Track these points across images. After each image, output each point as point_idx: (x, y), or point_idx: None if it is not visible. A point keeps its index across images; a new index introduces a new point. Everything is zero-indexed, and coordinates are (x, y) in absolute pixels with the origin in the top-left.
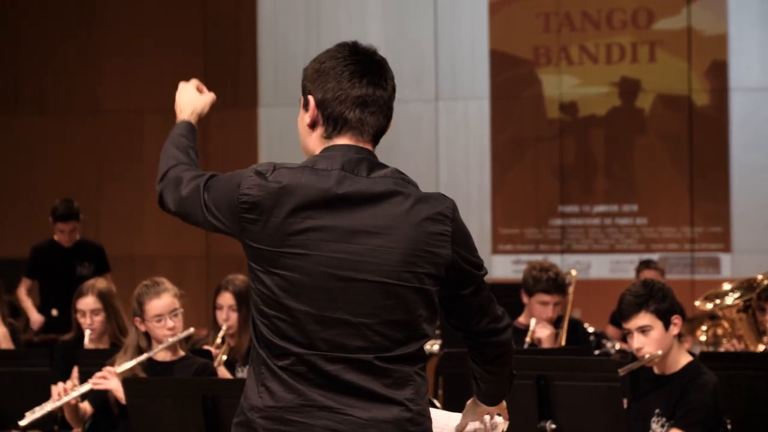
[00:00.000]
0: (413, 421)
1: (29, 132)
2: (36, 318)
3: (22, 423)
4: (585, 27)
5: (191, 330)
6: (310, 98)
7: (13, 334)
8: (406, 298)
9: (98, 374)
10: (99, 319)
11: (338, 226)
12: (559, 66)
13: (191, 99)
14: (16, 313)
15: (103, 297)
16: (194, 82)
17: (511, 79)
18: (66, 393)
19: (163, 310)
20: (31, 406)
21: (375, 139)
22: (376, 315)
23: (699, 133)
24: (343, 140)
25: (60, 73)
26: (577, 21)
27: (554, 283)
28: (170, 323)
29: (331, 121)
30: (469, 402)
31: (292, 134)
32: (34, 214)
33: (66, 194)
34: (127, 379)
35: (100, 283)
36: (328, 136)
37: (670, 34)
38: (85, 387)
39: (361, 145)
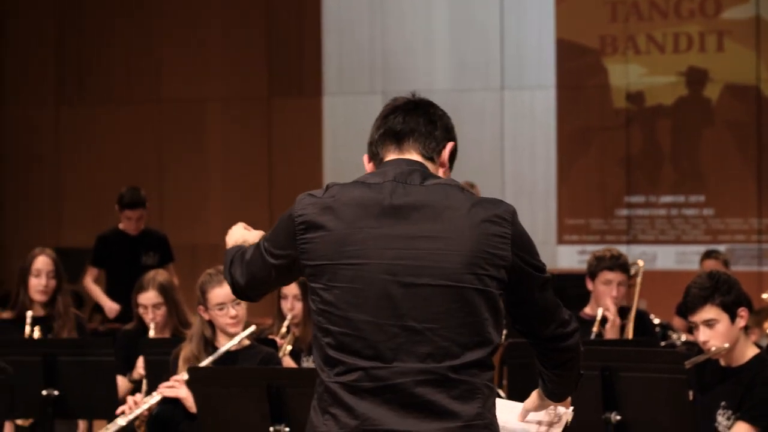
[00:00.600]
0: None
1: (93, 121)
2: (111, 306)
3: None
4: (652, 16)
5: (253, 327)
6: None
7: (78, 323)
8: (469, 300)
9: (167, 383)
10: (161, 312)
11: (396, 233)
12: (626, 55)
13: (241, 234)
14: (80, 302)
15: (164, 291)
16: (241, 225)
17: (578, 69)
18: (137, 405)
19: (225, 298)
20: (95, 396)
21: (425, 157)
22: (442, 320)
23: (767, 124)
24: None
25: (123, 63)
26: (644, 10)
27: (617, 261)
28: (232, 312)
29: (375, 158)
30: (534, 392)
31: (356, 122)
32: (98, 203)
33: (129, 183)
34: (193, 368)
35: (161, 276)
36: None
37: (738, 24)
38: (155, 398)
39: (410, 158)
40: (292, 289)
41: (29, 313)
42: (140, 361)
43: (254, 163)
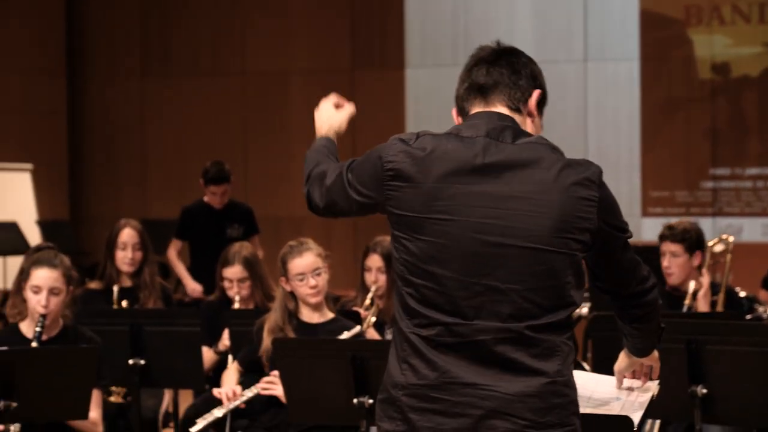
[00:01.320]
0: (559, 393)
1: (178, 94)
2: (195, 287)
3: (194, 429)
4: None
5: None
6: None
7: (165, 294)
8: (554, 263)
9: (266, 379)
10: (245, 286)
11: (486, 192)
12: (711, 26)
13: (328, 117)
14: (166, 273)
15: (249, 265)
16: (333, 98)
17: (662, 40)
18: (235, 397)
19: (305, 269)
20: (181, 365)
21: (512, 108)
22: (525, 281)
23: None
24: (474, 111)
25: (209, 36)
26: None
27: (669, 231)
28: (312, 282)
29: (463, 113)
30: (621, 353)
31: (439, 95)
32: (184, 175)
33: (214, 156)
34: (278, 340)
35: (246, 250)
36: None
37: None
38: (252, 391)
39: (498, 111)
40: (375, 262)
41: (116, 288)
42: (225, 333)
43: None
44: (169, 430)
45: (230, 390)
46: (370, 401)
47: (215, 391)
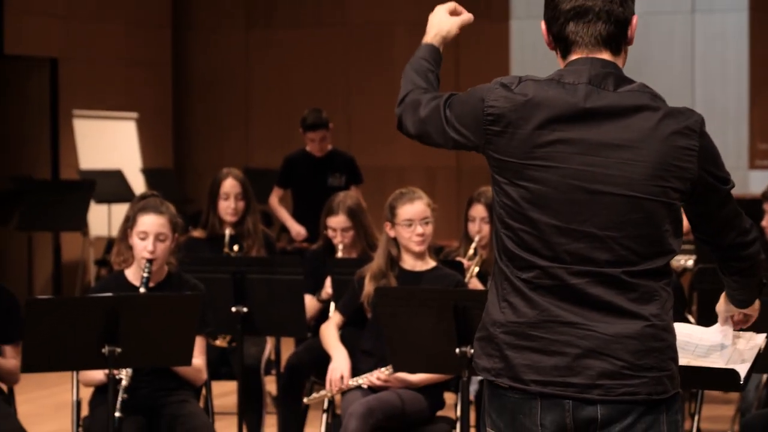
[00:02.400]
0: (657, 336)
1: (282, 45)
2: (299, 230)
3: (307, 399)
4: None
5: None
6: (542, 24)
7: (267, 242)
8: (652, 212)
9: (376, 374)
10: (349, 235)
11: (586, 139)
12: None
13: (438, 21)
14: (269, 221)
15: (353, 214)
16: (450, 5)
17: None
18: (344, 384)
19: (414, 215)
20: (283, 313)
21: (614, 49)
22: (623, 229)
23: None
24: (576, 56)
25: None
26: None
27: None
28: (419, 230)
29: (557, 41)
30: (722, 296)
31: (543, 47)
32: (287, 125)
33: (316, 105)
34: (380, 288)
35: (350, 199)
36: (563, 57)
37: None
38: (358, 381)
39: (601, 57)
40: (479, 212)
41: (227, 231)
42: (328, 281)
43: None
44: (271, 377)
45: (338, 379)
46: (473, 350)
47: (327, 379)
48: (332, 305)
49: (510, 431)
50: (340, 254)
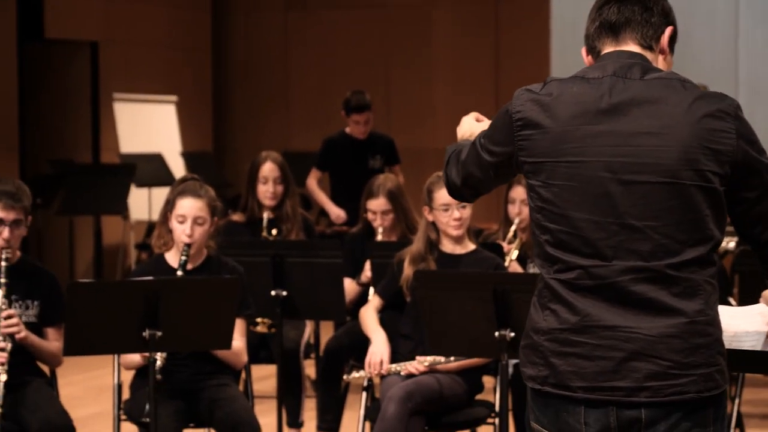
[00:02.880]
0: (702, 332)
1: (321, 26)
2: (338, 213)
3: (347, 377)
4: None
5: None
6: (583, 50)
7: (306, 226)
8: (690, 197)
9: (414, 365)
10: (389, 218)
11: (614, 130)
12: None
13: (469, 126)
14: (307, 205)
15: (393, 197)
16: (474, 115)
17: None
18: (381, 367)
19: (450, 200)
20: (323, 297)
21: (644, 44)
22: (662, 217)
23: None
24: (604, 52)
25: None
26: None
27: None
28: (456, 214)
29: (593, 52)
30: (765, 292)
31: (584, 25)
32: (325, 107)
33: (356, 87)
34: (419, 271)
35: (390, 182)
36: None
37: None
38: (397, 369)
39: (628, 49)
40: (519, 194)
41: (266, 215)
42: (367, 265)
43: (480, 67)
44: (310, 361)
45: (377, 363)
46: (512, 334)
47: (366, 362)
48: (371, 289)
49: (554, 428)
50: (379, 237)
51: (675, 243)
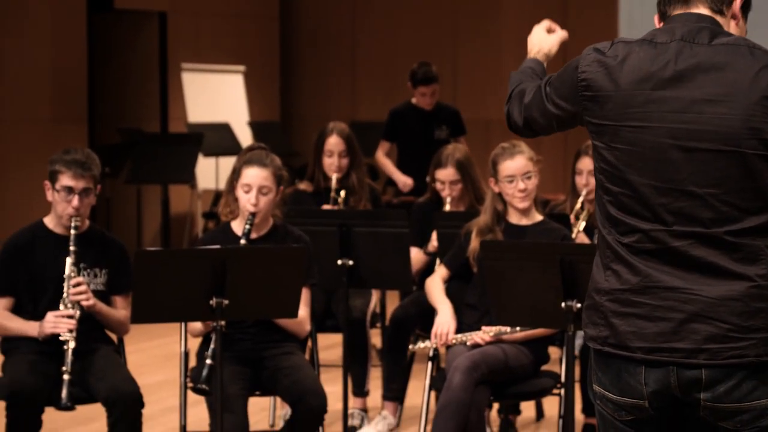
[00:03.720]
0: (764, 297)
1: None
2: (405, 181)
3: (413, 347)
4: None
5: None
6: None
7: (373, 196)
8: (752, 166)
9: (480, 335)
10: (457, 188)
11: (678, 96)
12: None
13: (539, 40)
14: (374, 175)
15: (461, 167)
16: (545, 23)
17: None
18: (447, 337)
19: (515, 171)
20: (389, 266)
21: (714, 6)
22: (723, 185)
23: None
24: (673, 14)
25: None
26: None
27: None
28: (521, 185)
29: (664, 17)
30: None
31: (652, 8)
32: (393, 78)
33: (423, 58)
34: (486, 241)
35: (459, 152)
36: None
37: None
38: (462, 339)
39: (697, 12)
40: (586, 165)
41: (334, 177)
42: (434, 234)
43: None
44: (376, 330)
45: (443, 333)
46: (578, 305)
47: (432, 333)
48: (438, 260)
49: (615, 389)
50: (447, 207)
51: (735, 210)
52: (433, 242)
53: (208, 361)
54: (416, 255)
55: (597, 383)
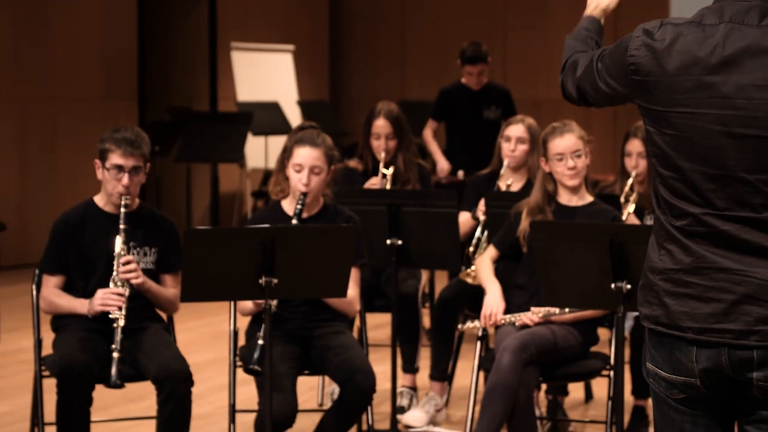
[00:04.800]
0: None
1: None
2: (443, 165)
3: (461, 327)
4: None
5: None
6: None
7: (422, 175)
8: None
9: (529, 316)
10: (523, 149)
11: (727, 82)
12: None
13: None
14: (423, 154)
15: (531, 129)
16: None
17: None
18: (495, 318)
19: (565, 149)
20: (437, 246)
21: None
22: None
23: None
24: None
25: None
26: None
27: None
28: (571, 163)
29: None
30: None
31: None
32: (442, 57)
33: (473, 38)
34: (536, 222)
35: (530, 120)
36: None
37: None
38: (511, 320)
39: None
40: (636, 147)
41: (381, 164)
42: (482, 202)
43: None
44: (424, 310)
45: (493, 314)
46: (628, 286)
47: (482, 314)
48: (484, 235)
49: (667, 367)
50: (506, 164)
51: None
52: (482, 207)
53: (261, 342)
54: (465, 219)
55: (650, 361)
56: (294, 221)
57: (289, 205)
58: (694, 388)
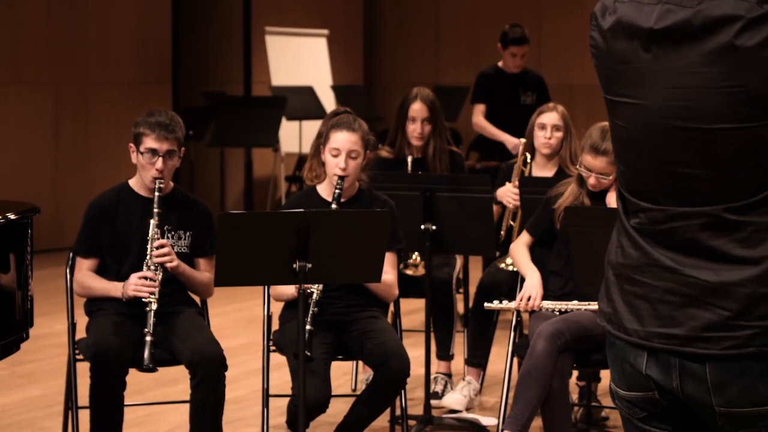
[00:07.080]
0: None
1: None
2: (513, 141)
3: (488, 305)
4: None
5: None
6: None
7: (456, 161)
8: (750, 140)
9: (572, 304)
10: (558, 136)
11: (663, 69)
12: None
13: None
14: (457, 140)
15: (565, 118)
16: None
17: None
18: (534, 302)
19: (599, 170)
20: (471, 231)
21: None
22: (719, 164)
23: None
24: None
25: None
26: None
27: None
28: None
29: None
30: None
31: None
32: (476, 42)
33: (506, 22)
34: (570, 207)
35: (561, 107)
36: None
37: None
38: (547, 306)
39: None
40: None
41: (410, 159)
42: (502, 190)
43: None
44: (460, 296)
45: (532, 298)
46: None
47: (520, 296)
48: (518, 218)
49: (623, 384)
50: (542, 151)
51: (734, 191)
52: (507, 193)
53: (309, 327)
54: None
55: (611, 378)
56: (333, 206)
57: (324, 190)
58: (653, 403)
